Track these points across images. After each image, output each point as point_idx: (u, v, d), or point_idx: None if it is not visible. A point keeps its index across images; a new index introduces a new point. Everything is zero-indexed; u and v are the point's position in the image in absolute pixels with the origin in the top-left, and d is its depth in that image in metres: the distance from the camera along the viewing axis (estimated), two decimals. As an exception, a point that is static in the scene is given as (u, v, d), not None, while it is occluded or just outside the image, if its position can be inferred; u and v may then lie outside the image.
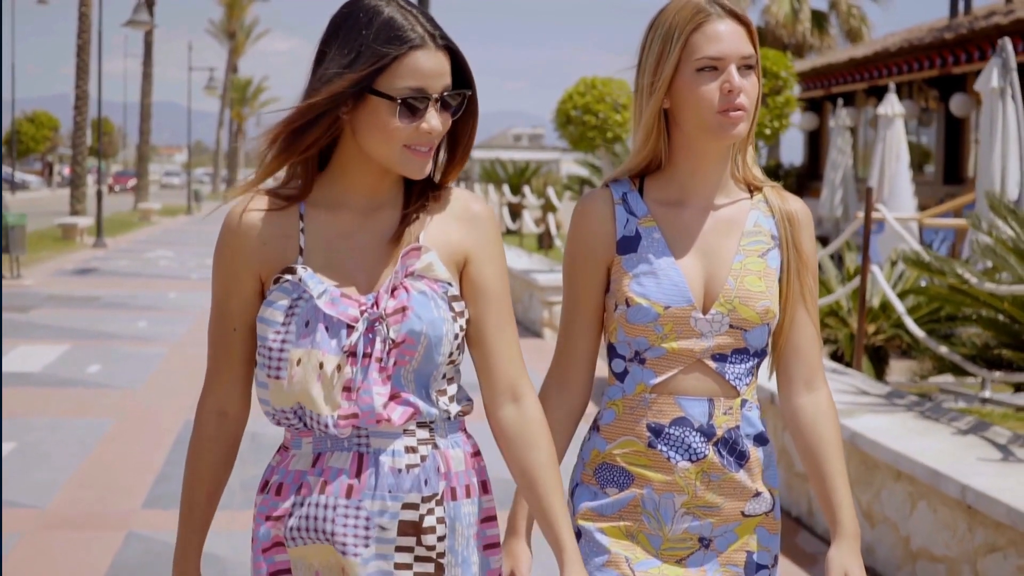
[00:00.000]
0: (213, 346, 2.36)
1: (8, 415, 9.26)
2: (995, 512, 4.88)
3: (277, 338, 2.22)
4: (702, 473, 2.45)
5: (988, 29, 18.08)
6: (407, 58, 2.19)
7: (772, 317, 2.46)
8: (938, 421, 6.38)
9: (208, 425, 2.37)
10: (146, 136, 53.37)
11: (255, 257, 2.29)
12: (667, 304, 2.42)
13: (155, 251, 28.69)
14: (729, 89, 2.38)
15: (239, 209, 2.31)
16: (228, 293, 2.32)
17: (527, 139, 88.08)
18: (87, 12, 35.47)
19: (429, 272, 2.26)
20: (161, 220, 45.27)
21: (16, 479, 7.44)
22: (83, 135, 36.39)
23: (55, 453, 8.14)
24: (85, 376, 11.24)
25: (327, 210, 2.30)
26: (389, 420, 2.22)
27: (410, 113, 2.21)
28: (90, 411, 9.61)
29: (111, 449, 8.35)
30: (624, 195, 2.51)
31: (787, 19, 33.01)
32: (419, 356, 2.22)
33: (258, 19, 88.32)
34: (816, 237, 2.84)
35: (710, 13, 2.41)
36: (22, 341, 13.22)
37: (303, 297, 2.22)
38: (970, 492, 5.07)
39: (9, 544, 6.15)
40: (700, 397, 2.45)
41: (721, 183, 2.51)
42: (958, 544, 5.24)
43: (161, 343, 13.42)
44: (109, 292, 18.77)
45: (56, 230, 31.65)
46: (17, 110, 65.69)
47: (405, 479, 2.24)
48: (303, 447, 2.28)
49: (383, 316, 2.21)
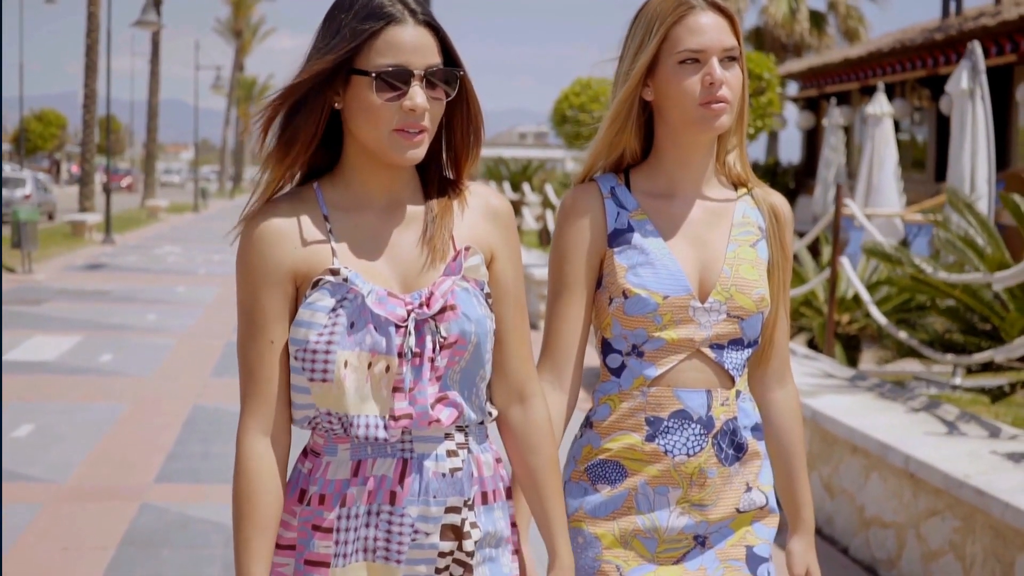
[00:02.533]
0: (249, 366, 2.21)
1: (25, 400, 9.77)
2: (933, 479, 5.34)
3: (321, 339, 2.14)
4: (698, 468, 2.43)
5: (976, 31, 18.51)
6: (384, 33, 2.14)
7: (766, 306, 2.47)
8: (895, 401, 6.85)
9: (257, 449, 2.20)
10: (153, 134, 53.93)
11: (286, 264, 2.19)
12: (666, 294, 2.41)
13: (163, 247, 29.19)
14: (711, 82, 2.37)
15: (259, 219, 2.21)
16: (260, 305, 2.19)
17: (532, 137, 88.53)
18: (96, 12, 35.99)
19: (474, 273, 2.23)
20: (169, 217, 45.77)
21: (35, 457, 7.93)
22: (92, 133, 36.91)
23: (71, 434, 8.63)
24: (98, 364, 11.73)
25: (349, 211, 2.24)
26: (439, 421, 2.18)
27: (390, 90, 2.14)
28: (103, 396, 10.11)
29: (124, 430, 8.84)
30: (612, 188, 2.50)
31: (785, 19, 33.44)
32: (468, 355, 2.19)
33: (264, 17, 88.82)
34: (810, 233, 3.10)
35: (693, 6, 2.40)
36: (37, 332, 13.72)
37: (347, 298, 2.15)
38: (912, 462, 5.54)
39: (31, 514, 6.63)
40: (699, 389, 2.44)
41: (708, 175, 2.51)
42: (904, 510, 5.70)
43: (170, 334, 13.91)
44: (119, 286, 19.28)
45: (65, 227, 32.16)
46: (24, 107, 66.13)
47: (448, 483, 2.20)
48: (339, 454, 2.20)
49: (433, 316, 2.16)
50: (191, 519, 6.55)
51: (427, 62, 2.16)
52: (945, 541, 5.32)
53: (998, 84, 19.52)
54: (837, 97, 23.90)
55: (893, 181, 14.89)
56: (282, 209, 2.22)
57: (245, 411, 2.21)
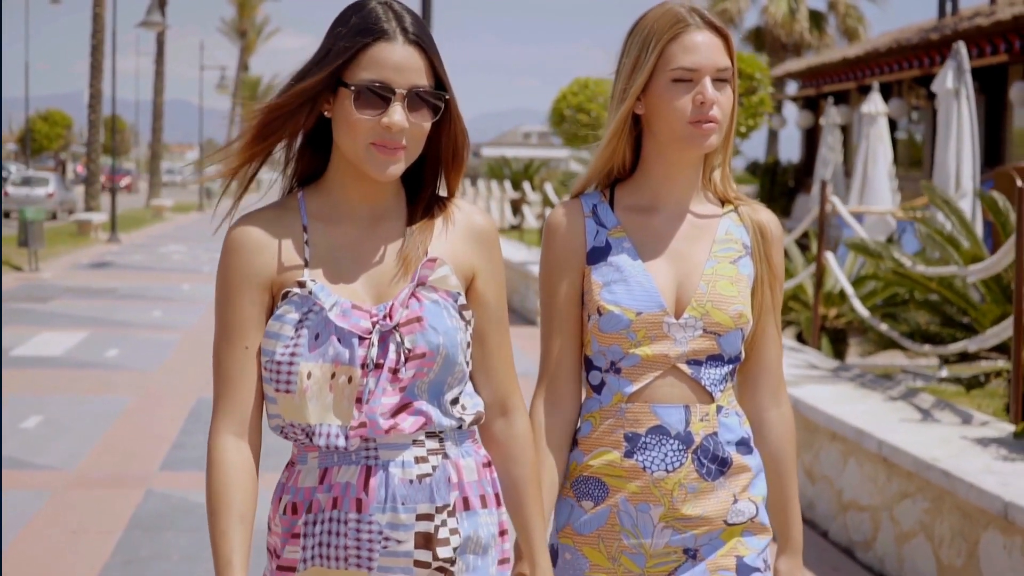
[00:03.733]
0: (223, 367, 2.25)
1: (33, 393, 10.04)
2: (904, 462, 5.58)
3: (286, 351, 2.18)
4: (679, 484, 2.43)
5: (970, 30, 18.74)
6: (371, 48, 2.17)
7: (745, 322, 2.45)
8: (874, 391, 7.09)
9: (227, 449, 2.23)
10: (158, 134, 54.25)
11: (262, 274, 2.23)
12: (639, 310, 2.41)
13: (168, 246, 29.47)
14: (702, 101, 2.38)
15: (241, 225, 2.26)
16: (237, 312, 2.24)
17: (536, 136, 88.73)
18: (101, 13, 36.28)
19: (443, 284, 2.23)
20: (174, 217, 46.09)
21: (44, 446, 8.19)
22: (97, 134, 37.21)
23: (78, 425, 8.89)
24: (104, 359, 11.99)
25: (329, 222, 2.27)
26: (399, 429, 2.19)
27: (370, 106, 2.17)
28: (110, 390, 10.36)
29: (130, 422, 9.10)
30: (594, 207, 2.51)
31: (785, 19, 33.71)
32: (437, 367, 2.20)
33: (269, 17, 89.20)
34: (805, 230, 3.13)
35: (689, 24, 2.40)
36: (44, 329, 13.98)
37: (313, 310, 2.18)
38: (885, 446, 5.77)
39: (41, 500, 6.88)
40: (676, 404, 2.43)
41: (693, 191, 2.51)
42: (879, 494, 5.94)
43: (175, 330, 14.17)
44: (124, 284, 19.56)
45: (72, 226, 32.45)
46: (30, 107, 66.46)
47: (418, 489, 2.20)
48: (308, 462, 2.24)
49: (396, 327, 2.18)
50: (194, 505, 6.79)
51: (411, 82, 2.17)
52: (916, 522, 5.55)
53: (992, 83, 19.76)
54: (835, 96, 24.14)
55: (886, 179, 15.13)
56: (264, 218, 2.26)
57: (216, 413, 2.24)
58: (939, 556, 5.32)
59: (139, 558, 5.92)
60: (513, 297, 16.51)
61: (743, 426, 2.50)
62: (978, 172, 10.31)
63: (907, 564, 5.61)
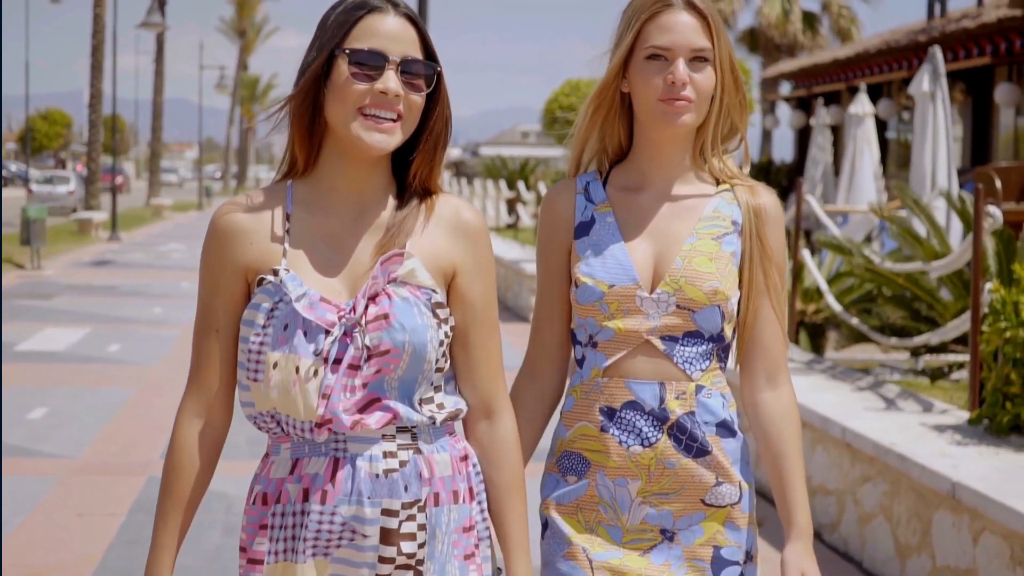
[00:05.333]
0: (196, 348, 2.30)
1: (38, 385, 10.38)
2: (865, 448, 5.91)
3: (256, 340, 2.20)
4: (656, 459, 2.44)
5: (957, 33, 19.11)
6: (364, 20, 2.21)
7: (723, 299, 2.44)
8: (843, 382, 7.42)
9: (189, 429, 2.29)
10: (158, 133, 54.57)
11: (241, 258, 2.25)
12: (611, 283, 2.44)
13: (167, 244, 29.80)
14: (672, 81, 2.41)
15: (226, 209, 2.29)
16: (213, 294, 2.27)
17: (534, 136, 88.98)
18: (101, 13, 36.62)
19: (412, 279, 2.22)
20: (173, 215, 46.41)
21: (49, 436, 8.53)
22: (98, 133, 37.56)
23: (82, 416, 9.22)
24: (106, 354, 12.33)
25: (314, 212, 2.27)
26: (364, 424, 2.18)
27: (364, 72, 2.19)
28: (112, 383, 10.70)
29: (132, 413, 9.44)
30: (587, 184, 2.55)
31: (779, 20, 34.07)
32: (404, 364, 2.19)
33: (268, 16, 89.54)
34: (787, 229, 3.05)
35: (669, 4, 2.44)
36: (47, 324, 14.32)
37: (284, 300, 2.19)
38: (848, 432, 6.11)
39: (47, 486, 7.21)
40: (650, 381, 2.44)
41: (682, 171, 2.53)
42: (843, 478, 6.27)
43: (175, 326, 14.48)
44: (125, 282, 19.91)
45: (72, 225, 32.77)
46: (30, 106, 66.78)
47: (383, 484, 2.20)
48: (281, 453, 2.25)
49: (360, 322, 2.18)
50: (195, 490, 7.10)
51: (404, 52, 2.21)
52: (876, 504, 5.88)
53: (979, 85, 20.11)
54: (826, 97, 24.47)
55: (871, 179, 15.47)
56: (249, 204, 2.29)
57: (186, 393, 2.30)
58: (897, 536, 5.65)
59: (142, 539, 6.23)
60: (507, 295, 16.87)
61: (727, 409, 2.48)
62: (954, 173, 10.64)
63: (868, 544, 5.94)
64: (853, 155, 16.43)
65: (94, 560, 5.92)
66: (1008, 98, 18.57)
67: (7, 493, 6.92)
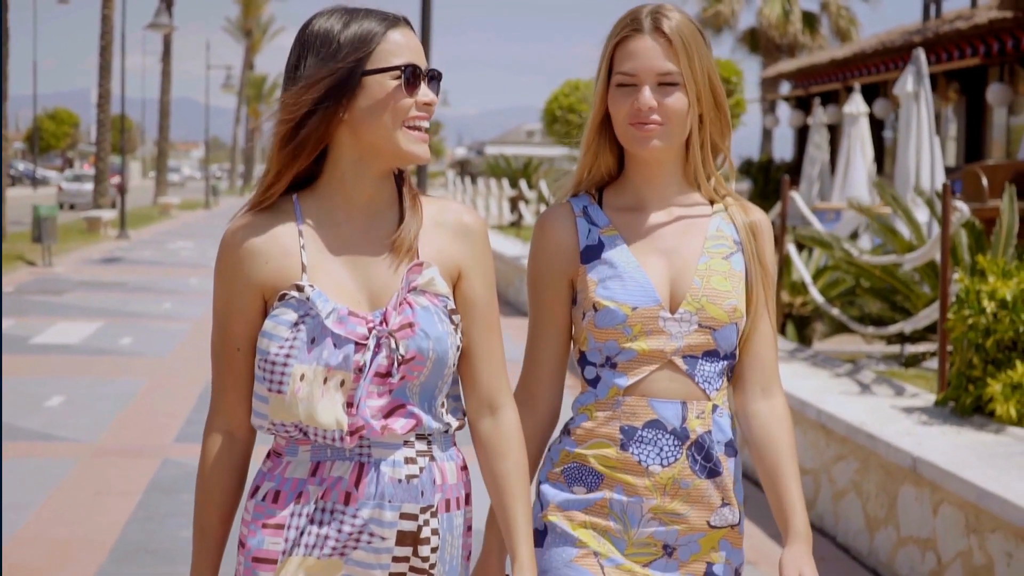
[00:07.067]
0: (218, 366, 2.33)
1: (55, 375, 10.79)
2: (838, 428, 6.29)
3: (280, 352, 2.20)
4: (672, 479, 2.44)
5: (951, 33, 19.46)
6: (390, 35, 2.24)
7: (740, 317, 2.46)
8: (822, 369, 7.81)
9: (217, 446, 2.33)
10: (165, 132, 55.02)
11: (256, 276, 2.27)
12: (635, 305, 2.43)
13: (176, 242, 30.21)
14: (638, 107, 2.42)
15: (236, 227, 2.30)
16: (231, 313, 2.29)
17: (539, 134, 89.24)
18: (110, 14, 37.06)
19: (431, 287, 2.26)
20: (180, 214, 46.82)
21: (67, 422, 8.93)
22: (106, 133, 38.00)
23: (98, 404, 9.63)
24: (119, 347, 12.74)
25: (324, 225, 2.29)
26: (391, 429, 2.23)
27: (410, 87, 2.24)
28: (126, 373, 11.11)
29: (146, 401, 9.84)
30: (584, 208, 2.53)
31: (779, 20, 34.44)
32: (427, 371, 2.24)
33: (274, 16, 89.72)
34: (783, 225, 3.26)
35: (636, 28, 2.45)
36: (60, 319, 14.73)
37: (310, 314, 2.21)
38: (823, 414, 6.49)
39: (66, 468, 7.60)
40: (673, 400, 2.45)
41: (678, 191, 2.54)
42: (819, 457, 6.65)
43: (185, 320, 14.90)
44: (135, 278, 20.31)
45: (81, 223, 33.19)
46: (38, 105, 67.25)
47: (404, 489, 2.25)
48: (299, 455, 2.27)
49: (391, 332, 2.22)
50: (207, 471, 7.48)
51: (424, 61, 2.27)
52: (848, 481, 6.26)
53: (972, 85, 20.47)
54: (824, 96, 24.83)
55: (864, 177, 15.85)
56: (259, 222, 2.29)
57: (211, 410, 2.35)
58: (866, 510, 6.03)
59: (158, 515, 6.64)
60: (508, 290, 17.29)
61: (732, 428, 2.51)
62: (939, 171, 11.01)
63: (841, 519, 6.32)
64: (848, 154, 16.82)
65: (113, 534, 6.31)
66: (1000, 98, 18.94)
67: (28, 474, 7.32)
